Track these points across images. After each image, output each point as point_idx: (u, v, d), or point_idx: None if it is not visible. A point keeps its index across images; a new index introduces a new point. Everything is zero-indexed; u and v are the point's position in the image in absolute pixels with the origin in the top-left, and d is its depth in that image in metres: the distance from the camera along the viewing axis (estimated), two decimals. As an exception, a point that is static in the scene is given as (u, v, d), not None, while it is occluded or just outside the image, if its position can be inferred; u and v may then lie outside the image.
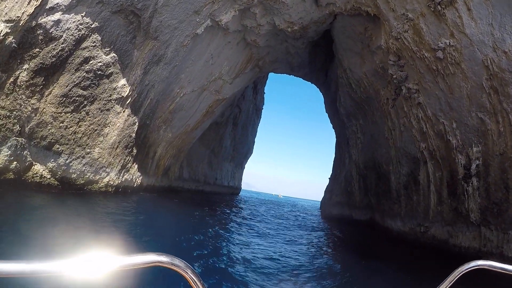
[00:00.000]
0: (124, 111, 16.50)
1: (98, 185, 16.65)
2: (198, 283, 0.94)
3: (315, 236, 18.52)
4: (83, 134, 14.91)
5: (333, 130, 41.49)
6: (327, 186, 56.13)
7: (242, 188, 62.02)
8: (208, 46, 21.52)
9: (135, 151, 19.08)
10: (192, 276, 0.92)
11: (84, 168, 15.48)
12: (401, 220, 19.25)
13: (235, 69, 27.52)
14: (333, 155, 37.99)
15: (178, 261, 0.91)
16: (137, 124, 17.89)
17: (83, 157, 15.29)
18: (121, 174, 18.09)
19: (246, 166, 59.06)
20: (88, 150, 15.39)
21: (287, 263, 9.80)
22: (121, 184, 18.35)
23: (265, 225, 19.65)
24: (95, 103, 14.93)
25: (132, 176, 19.83)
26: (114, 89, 15.49)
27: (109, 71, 15.06)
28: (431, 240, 17.03)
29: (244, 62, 28.35)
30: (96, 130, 15.37)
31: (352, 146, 27.66)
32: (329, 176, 56.78)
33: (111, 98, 15.49)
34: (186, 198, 27.94)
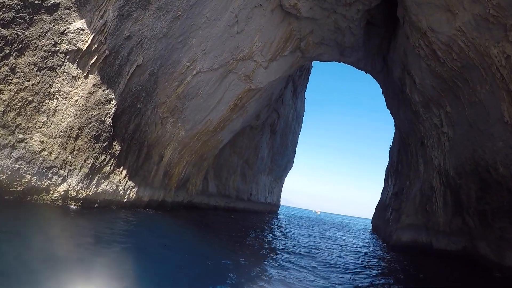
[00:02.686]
0: (86, 77, 10.30)
1: (50, 195, 10.44)
2: None
3: None
4: (7, 106, 8.79)
5: (395, 129, 33.73)
6: (379, 202, 47.51)
7: (281, 204, 54.41)
8: (230, 1, 15.20)
9: (117, 148, 12.83)
10: None
11: (17, 165, 9.33)
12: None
13: (271, 47, 21.09)
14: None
15: None
16: (114, 103, 11.66)
17: (13, 147, 9.15)
18: (92, 182, 11.83)
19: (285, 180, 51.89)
20: (21, 136, 9.24)
21: None
22: (93, 196, 12.08)
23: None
24: (26, 53, 8.83)
25: (117, 186, 13.54)
26: (63, 33, 9.36)
27: (52, 1, 8.97)
28: None
29: (283, 40, 21.90)
30: (31, 101, 9.22)
31: (432, 147, 20.06)
32: (381, 191, 48.32)
33: (57, 49, 9.35)
34: (207, 220, 21.33)
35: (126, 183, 14.51)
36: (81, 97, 10.23)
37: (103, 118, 11.23)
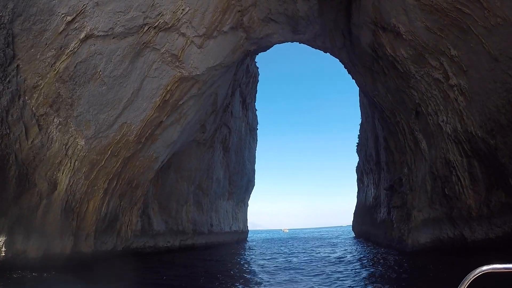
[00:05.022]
0: None
1: None
2: None
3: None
4: None
5: (363, 119, 29.13)
6: (357, 206, 42.45)
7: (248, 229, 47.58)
8: None
9: None
10: None
11: None
12: None
13: (204, 18, 15.58)
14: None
15: None
16: None
17: None
18: None
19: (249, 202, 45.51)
20: None
21: None
22: None
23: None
24: None
25: None
26: None
27: None
28: None
29: (219, 11, 16.53)
30: None
31: (436, 112, 15.29)
32: (357, 193, 43.43)
33: None
34: (145, 278, 14.69)
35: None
36: None
37: None
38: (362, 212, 36.62)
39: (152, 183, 21.74)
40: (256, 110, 46.34)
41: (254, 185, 44.88)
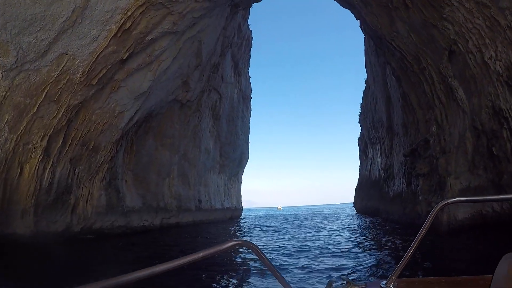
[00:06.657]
0: None
1: None
2: (262, 255, 1.26)
3: None
4: None
5: (369, 77, 25.36)
6: (360, 180, 39.33)
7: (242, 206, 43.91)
8: None
9: None
10: (259, 251, 1.24)
11: None
12: None
13: None
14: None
15: (248, 242, 1.22)
16: None
17: None
18: None
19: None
20: None
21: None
22: None
23: None
24: None
25: None
26: None
27: None
28: None
29: None
30: None
31: (479, 47, 11.75)
32: (360, 167, 40.30)
33: None
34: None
35: None
36: None
37: None
38: (366, 187, 33.45)
39: (125, 150, 18.20)
40: (249, 77, 42.53)
41: (248, 158, 41.46)
